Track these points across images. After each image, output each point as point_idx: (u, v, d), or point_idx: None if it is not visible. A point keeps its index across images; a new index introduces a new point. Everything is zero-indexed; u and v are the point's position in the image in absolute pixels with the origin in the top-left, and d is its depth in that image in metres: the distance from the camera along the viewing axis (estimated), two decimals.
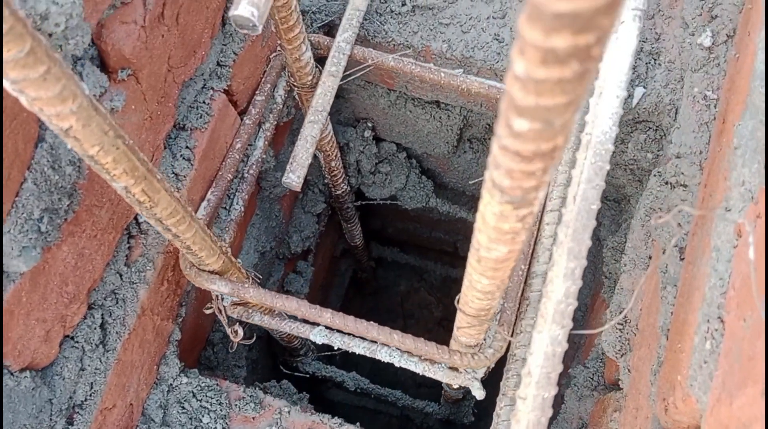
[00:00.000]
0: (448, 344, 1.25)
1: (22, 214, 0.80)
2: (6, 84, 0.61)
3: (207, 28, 1.11)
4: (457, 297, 0.98)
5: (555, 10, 0.34)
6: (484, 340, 1.12)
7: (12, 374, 0.87)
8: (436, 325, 2.85)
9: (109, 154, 0.75)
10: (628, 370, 1.18)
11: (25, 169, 0.80)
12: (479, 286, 0.79)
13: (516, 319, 1.15)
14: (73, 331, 0.98)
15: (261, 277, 1.33)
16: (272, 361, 1.94)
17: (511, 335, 1.13)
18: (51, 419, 0.94)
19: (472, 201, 2.12)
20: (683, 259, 1.01)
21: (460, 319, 0.98)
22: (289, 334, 1.67)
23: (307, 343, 1.86)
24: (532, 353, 0.76)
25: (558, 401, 1.57)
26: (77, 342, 0.99)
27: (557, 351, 0.75)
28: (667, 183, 1.24)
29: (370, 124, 1.85)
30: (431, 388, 2.70)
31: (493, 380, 1.29)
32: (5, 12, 0.55)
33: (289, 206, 1.80)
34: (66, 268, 0.91)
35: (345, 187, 1.86)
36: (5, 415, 0.85)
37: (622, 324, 1.24)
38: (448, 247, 2.65)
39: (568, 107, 0.42)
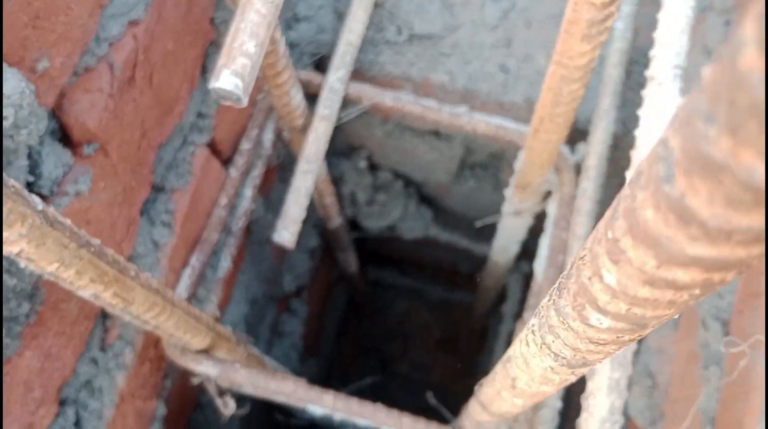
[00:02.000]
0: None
1: None
2: None
3: (185, 82, 0.99)
4: (477, 384, 0.87)
5: (690, 254, 0.23)
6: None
7: None
8: (436, 347, 2.74)
9: (71, 268, 0.63)
10: None
11: None
12: (509, 401, 0.68)
13: None
14: None
15: (254, 339, 1.22)
16: (266, 407, 1.82)
17: (534, 413, 1.03)
18: None
19: (472, 228, 2.01)
20: (727, 333, 0.90)
21: (478, 412, 0.87)
22: None
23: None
24: None
25: None
26: None
27: None
28: None
29: (364, 154, 1.73)
30: None
31: None
32: None
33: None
34: (31, 373, 0.80)
35: (339, 221, 1.75)
36: None
37: (650, 388, 1.14)
38: (448, 266, 2.54)
39: (670, 313, 0.31)
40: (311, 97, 1.30)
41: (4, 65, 0.63)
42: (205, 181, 1.10)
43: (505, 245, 1.56)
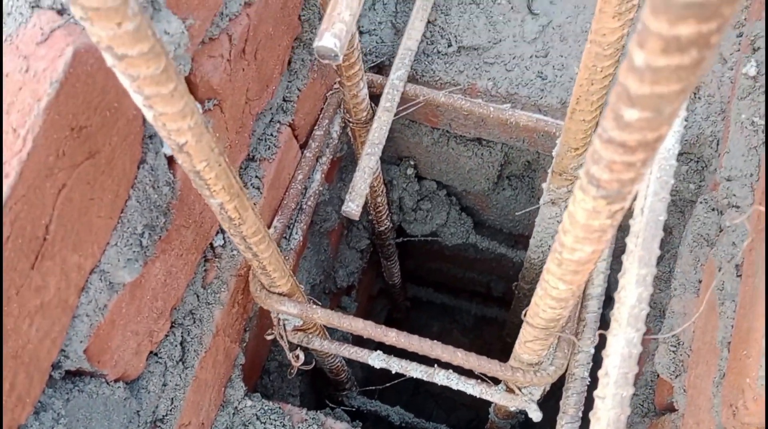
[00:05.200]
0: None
1: (128, 228, 0.86)
2: (138, 99, 0.68)
3: (278, 65, 1.18)
4: (524, 311, 1.02)
5: (683, 1, 0.40)
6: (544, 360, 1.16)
7: (108, 383, 0.92)
8: None
9: (213, 170, 0.81)
10: (684, 390, 1.21)
11: (129, 188, 0.86)
12: (555, 292, 0.83)
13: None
14: (157, 347, 1.03)
15: (319, 302, 1.38)
16: (316, 396, 1.97)
17: (570, 355, 1.17)
18: None
19: (509, 238, 2.17)
20: (740, 275, 1.05)
21: (526, 333, 1.02)
22: (337, 367, 1.71)
23: (352, 377, 1.89)
24: (608, 355, 0.80)
25: None
26: (161, 357, 1.04)
27: (633, 352, 0.79)
28: (713, 209, 1.29)
29: (412, 162, 1.92)
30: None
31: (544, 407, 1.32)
32: (148, 32, 0.62)
33: (336, 241, 1.85)
34: (157, 283, 0.97)
35: (388, 223, 1.92)
36: (101, 423, 0.90)
37: (675, 346, 1.28)
38: (481, 288, 2.69)
39: (680, 95, 0.48)
40: (373, 97, 1.49)
41: (169, 12, 0.82)
42: (286, 156, 1.29)
43: (541, 240, 1.71)
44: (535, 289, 1.90)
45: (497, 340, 2.81)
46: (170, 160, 0.95)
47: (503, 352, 2.71)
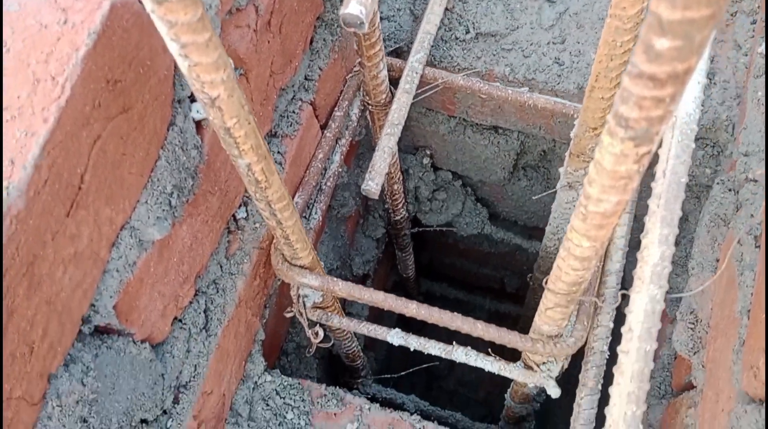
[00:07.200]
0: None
1: (158, 187, 0.88)
2: (174, 48, 0.70)
3: (301, 42, 1.20)
4: (544, 278, 1.03)
5: None
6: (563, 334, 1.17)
7: (135, 343, 0.93)
8: None
9: (242, 128, 0.83)
10: (702, 366, 1.22)
11: (159, 148, 0.88)
12: (578, 251, 0.84)
13: (593, 314, 1.19)
14: (181, 313, 1.05)
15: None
16: (332, 382, 1.97)
17: (589, 328, 1.17)
18: (162, 393, 1.00)
19: (524, 231, 2.18)
20: (758, 246, 1.06)
21: (547, 301, 1.03)
22: (353, 352, 1.72)
23: (367, 365, 1.90)
24: (632, 311, 0.81)
25: None
26: (185, 324, 1.05)
27: (656, 308, 0.80)
28: (730, 190, 1.30)
29: (428, 152, 1.93)
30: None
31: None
32: None
33: (352, 229, 1.87)
34: (183, 247, 0.99)
35: (404, 212, 1.93)
36: (128, 381, 0.91)
37: (693, 323, 1.28)
38: (495, 284, 2.69)
39: (710, 20, 0.49)
40: (391, 81, 1.51)
41: None
42: (307, 134, 1.30)
43: (558, 226, 1.72)
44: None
45: None
46: (198, 125, 0.96)
47: (517, 352, 2.71)
